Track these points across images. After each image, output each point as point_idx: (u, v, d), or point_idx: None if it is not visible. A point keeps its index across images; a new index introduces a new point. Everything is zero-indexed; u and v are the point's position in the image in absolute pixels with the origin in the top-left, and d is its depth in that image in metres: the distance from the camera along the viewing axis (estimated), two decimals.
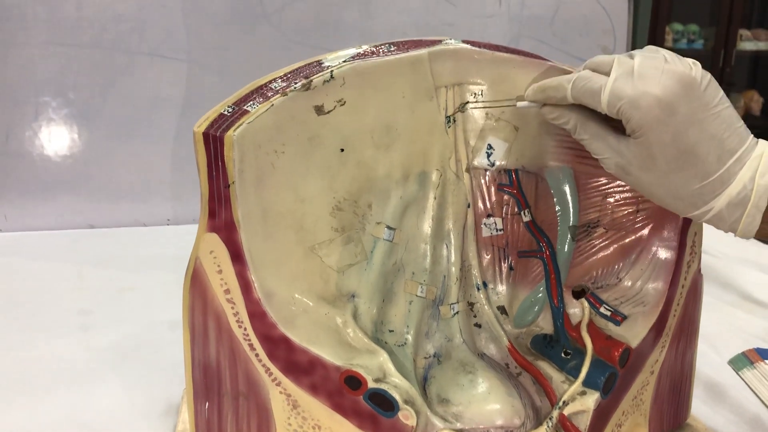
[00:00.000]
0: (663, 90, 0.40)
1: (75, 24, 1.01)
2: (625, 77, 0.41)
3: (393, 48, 0.47)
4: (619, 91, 0.41)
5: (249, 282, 0.43)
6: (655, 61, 0.41)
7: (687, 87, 0.41)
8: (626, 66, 0.41)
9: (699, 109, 0.41)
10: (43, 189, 1.03)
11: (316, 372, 0.43)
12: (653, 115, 0.40)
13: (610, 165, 0.43)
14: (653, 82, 0.40)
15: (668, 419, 0.55)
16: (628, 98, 0.40)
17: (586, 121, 0.44)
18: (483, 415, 0.44)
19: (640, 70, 0.41)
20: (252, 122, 0.42)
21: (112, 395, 0.61)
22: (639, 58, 0.42)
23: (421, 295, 0.49)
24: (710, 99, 0.41)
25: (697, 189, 0.41)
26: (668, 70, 0.41)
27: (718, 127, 0.41)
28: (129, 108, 1.05)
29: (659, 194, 0.43)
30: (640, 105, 0.40)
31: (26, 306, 0.78)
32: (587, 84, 0.42)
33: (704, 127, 0.41)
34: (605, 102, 0.41)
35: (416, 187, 0.49)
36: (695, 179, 0.41)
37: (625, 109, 0.41)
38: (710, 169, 0.41)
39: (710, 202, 0.41)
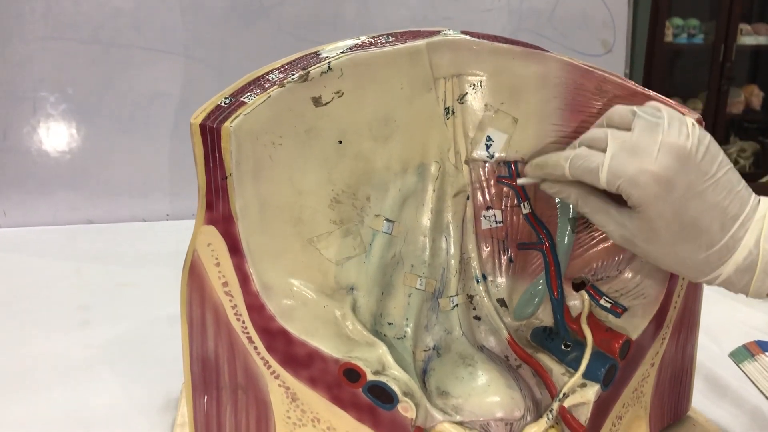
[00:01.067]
0: (660, 167, 0.40)
1: (73, 19, 1.01)
2: (622, 154, 0.41)
3: (391, 39, 0.47)
4: (617, 169, 0.41)
5: (247, 274, 0.43)
6: (653, 135, 0.41)
7: (684, 161, 0.41)
8: (622, 141, 0.41)
9: (697, 180, 0.41)
10: (41, 185, 1.03)
11: (315, 365, 0.43)
12: (652, 192, 0.40)
13: (615, 236, 0.44)
14: (650, 159, 0.40)
15: (669, 412, 0.55)
16: (627, 177, 0.41)
17: (587, 196, 0.44)
18: (483, 407, 0.44)
19: (636, 145, 0.41)
20: (249, 114, 0.41)
21: (111, 390, 0.61)
22: (637, 128, 0.42)
23: (421, 287, 0.49)
24: (708, 168, 0.41)
25: (703, 258, 0.41)
26: (665, 143, 0.41)
27: (718, 195, 0.41)
28: (127, 103, 1.05)
29: (666, 263, 0.43)
30: (639, 183, 0.40)
31: (25, 302, 0.78)
32: (584, 163, 0.42)
33: (704, 198, 0.41)
34: (604, 181, 0.41)
35: (415, 180, 0.48)
36: (700, 249, 0.41)
37: (624, 187, 0.41)
38: (714, 238, 0.41)
39: (718, 269, 0.41)
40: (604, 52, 1.36)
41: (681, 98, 3.09)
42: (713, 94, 3.04)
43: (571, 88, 0.49)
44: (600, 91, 0.48)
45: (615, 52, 1.37)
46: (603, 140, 0.42)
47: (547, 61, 0.49)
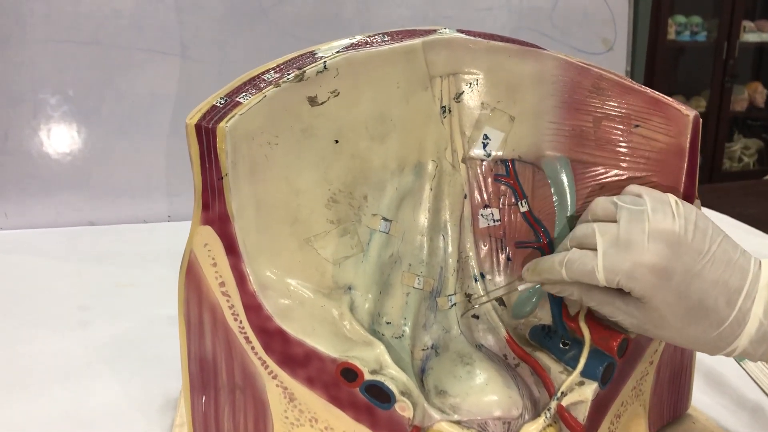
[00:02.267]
0: (655, 256, 0.40)
1: (72, 20, 1.01)
2: (613, 250, 0.41)
3: (387, 38, 0.47)
4: (612, 267, 0.41)
5: (244, 274, 0.43)
6: (638, 222, 0.41)
7: (676, 245, 0.40)
8: (610, 236, 0.41)
9: (693, 261, 0.41)
10: (42, 186, 1.03)
11: (312, 364, 0.43)
12: (651, 283, 0.40)
13: (627, 325, 0.44)
14: (642, 250, 0.40)
15: (668, 409, 0.55)
16: (623, 273, 0.41)
17: (589, 292, 0.44)
18: (481, 406, 0.44)
19: (625, 237, 0.41)
20: (245, 114, 0.41)
21: (111, 390, 0.61)
22: (622, 220, 0.42)
23: (419, 286, 0.48)
24: (701, 246, 0.41)
25: (715, 336, 0.41)
26: (653, 231, 0.41)
27: (717, 271, 0.41)
28: (127, 105, 1.05)
29: (682, 343, 0.43)
30: (636, 277, 0.40)
31: (26, 302, 0.78)
32: (579, 266, 0.42)
33: (704, 276, 0.41)
34: (603, 279, 0.41)
35: (412, 178, 0.48)
36: (711, 328, 0.41)
37: (624, 282, 0.41)
38: (722, 315, 0.41)
39: (732, 343, 0.41)
40: (606, 50, 1.35)
41: (684, 96, 3.09)
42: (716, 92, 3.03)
43: (568, 85, 0.49)
44: (597, 88, 0.48)
45: (616, 50, 1.36)
46: (592, 237, 0.42)
47: (543, 59, 0.49)
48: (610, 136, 0.49)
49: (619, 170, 0.48)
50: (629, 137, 0.48)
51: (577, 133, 0.49)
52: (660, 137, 0.47)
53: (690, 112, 0.47)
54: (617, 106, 0.48)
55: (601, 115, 0.49)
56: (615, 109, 0.48)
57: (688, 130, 0.47)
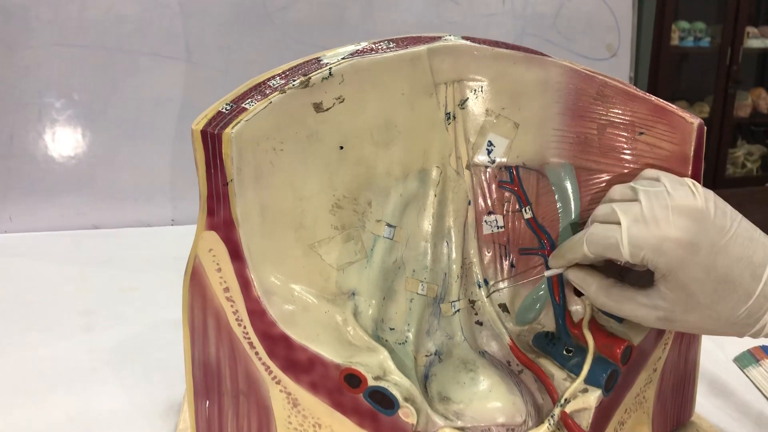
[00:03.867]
0: (680, 231, 0.40)
1: (78, 25, 1.01)
2: (638, 224, 0.41)
3: (392, 45, 0.47)
4: (638, 240, 0.41)
5: (248, 280, 0.43)
6: (660, 199, 0.41)
7: (701, 220, 0.41)
8: (633, 212, 0.41)
9: (718, 236, 0.41)
10: (47, 190, 1.04)
11: (316, 370, 0.43)
12: (679, 257, 0.40)
13: (650, 320, 0.43)
14: (667, 225, 0.40)
15: (672, 417, 0.55)
16: (650, 247, 0.40)
17: (608, 289, 0.44)
18: (484, 412, 0.44)
19: (649, 213, 0.41)
20: (250, 120, 0.42)
21: (114, 394, 0.61)
22: (643, 198, 0.41)
23: (422, 292, 0.49)
24: (722, 222, 0.41)
25: (745, 311, 0.41)
26: (676, 206, 0.41)
27: (740, 247, 0.41)
28: (132, 109, 1.06)
29: (711, 328, 0.42)
30: (664, 251, 0.40)
31: (29, 306, 0.78)
32: (602, 240, 0.42)
33: (728, 251, 0.41)
34: (627, 254, 0.41)
35: (416, 185, 0.48)
36: (740, 303, 0.41)
37: (650, 257, 0.41)
38: (749, 288, 0.41)
39: (762, 318, 0.41)
40: (609, 56, 1.35)
41: (687, 102, 3.08)
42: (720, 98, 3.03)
43: (572, 93, 0.49)
44: (601, 95, 0.48)
45: (620, 56, 1.36)
46: (614, 215, 0.42)
47: (547, 66, 0.49)
48: (615, 143, 0.49)
49: (624, 177, 0.48)
50: (633, 144, 0.48)
51: (581, 140, 0.49)
52: (664, 145, 0.48)
53: (694, 119, 0.47)
54: (621, 113, 0.48)
55: (606, 123, 0.49)
56: (619, 117, 0.48)
57: (692, 137, 0.47)
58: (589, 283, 0.45)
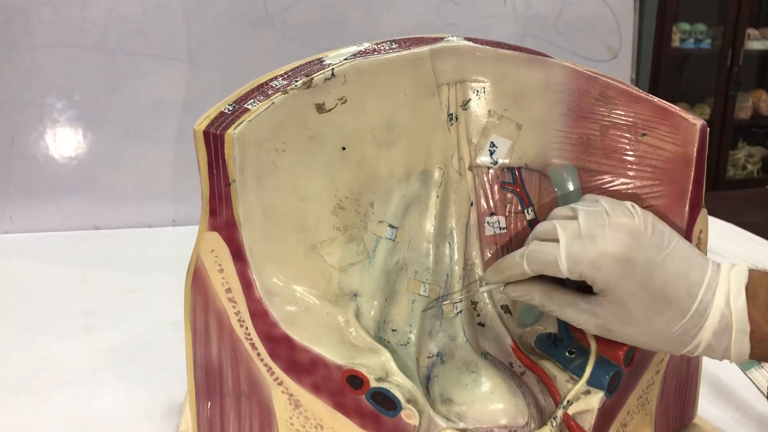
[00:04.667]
0: (618, 246, 0.41)
1: (79, 26, 1.01)
2: (576, 241, 0.41)
3: (395, 45, 0.47)
4: (576, 256, 0.41)
5: (250, 281, 0.43)
6: (598, 217, 0.42)
7: (636, 236, 0.41)
8: (571, 229, 0.42)
9: (654, 253, 0.41)
10: (48, 190, 1.04)
11: (318, 371, 0.43)
12: (616, 272, 0.41)
13: (590, 326, 0.44)
14: (605, 241, 0.41)
15: (674, 419, 0.55)
16: (587, 261, 0.41)
17: (550, 293, 0.44)
18: (486, 414, 0.44)
19: (587, 230, 0.41)
20: (252, 120, 0.42)
21: (116, 396, 0.61)
22: (581, 217, 0.42)
23: (424, 294, 0.48)
24: (659, 241, 0.42)
25: (680, 327, 0.41)
26: (613, 224, 0.41)
27: (677, 264, 0.41)
28: (134, 110, 1.06)
29: (647, 342, 0.43)
30: (600, 265, 0.41)
31: (31, 307, 0.78)
32: (541, 256, 0.43)
33: (665, 268, 0.41)
34: (565, 270, 0.41)
35: (418, 186, 0.48)
36: (675, 319, 0.41)
37: (587, 272, 0.41)
38: (685, 305, 0.41)
39: (696, 336, 0.41)
40: (610, 57, 1.35)
41: (688, 103, 3.08)
42: (721, 100, 3.03)
43: (575, 94, 0.49)
44: (604, 97, 0.48)
45: (621, 57, 1.36)
46: (552, 231, 0.43)
47: (550, 67, 0.49)
48: (617, 144, 0.49)
49: (626, 179, 0.48)
50: (636, 146, 0.48)
51: (583, 141, 0.49)
52: (667, 146, 0.47)
53: (697, 121, 0.47)
54: (624, 114, 0.48)
55: (608, 124, 0.49)
56: (622, 118, 0.48)
57: (695, 139, 0.47)
58: (532, 293, 0.45)
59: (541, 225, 0.44)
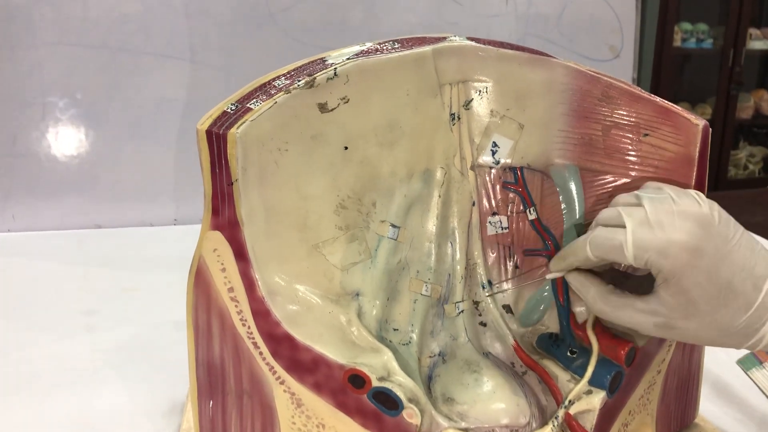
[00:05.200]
0: (686, 234, 0.40)
1: (81, 25, 1.01)
2: (643, 227, 0.41)
3: (397, 45, 0.47)
4: (643, 243, 0.40)
5: (253, 280, 0.43)
6: (665, 204, 0.41)
7: (706, 226, 0.41)
8: (638, 216, 0.41)
9: (722, 244, 0.41)
10: (50, 189, 1.04)
11: (320, 370, 0.43)
12: (684, 261, 0.40)
13: (648, 327, 0.43)
14: (673, 228, 0.40)
15: (676, 419, 0.55)
16: (654, 249, 0.40)
17: (606, 295, 0.44)
18: (488, 414, 0.44)
19: (654, 217, 0.41)
20: (255, 120, 0.42)
21: (117, 395, 0.61)
22: (648, 204, 0.42)
23: (426, 293, 0.48)
24: (727, 231, 0.41)
25: (744, 321, 0.41)
26: (681, 212, 0.41)
27: (743, 257, 0.41)
28: (135, 108, 1.06)
29: (709, 337, 0.42)
30: (669, 254, 0.40)
31: (32, 305, 0.78)
32: (606, 242, 0.42)
33: (732, 260, 0.41)
34: (631, 256, 0.41)
35: (421, 185, 0.48)
36: (740, 312, 0.41)
37: (654, 260, 0.40)
38: (750, 298, 0.40)
39: (760, 330, 0.41)
40: (612, 57, 1.35)
41: (690, 103, 3.08)
42: (722, 99, 3.03)
43: (577, 94, 0.49)
44: (606, 97, 0.48)
45: (623, 57, 1.36)
46: (617, 218, 0.42)
47: (552, 67, 0.49)
48: (619, 144, 0.49)
49: (628, 179, 0.48)
50: (638, 146, 0.48)
51: (586, 141, 0.49)
52: (669, 146, 0.47)
53: (700, 121, 0.47)
54: (626, 114, 0.48)
55: (610, 124, 0.49)
56: (624, 118, 0.48)
57: (697, 139, 0.47)
58: (588, 288, 0.45)
59: (606, 211, 0.44)
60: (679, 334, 0.42)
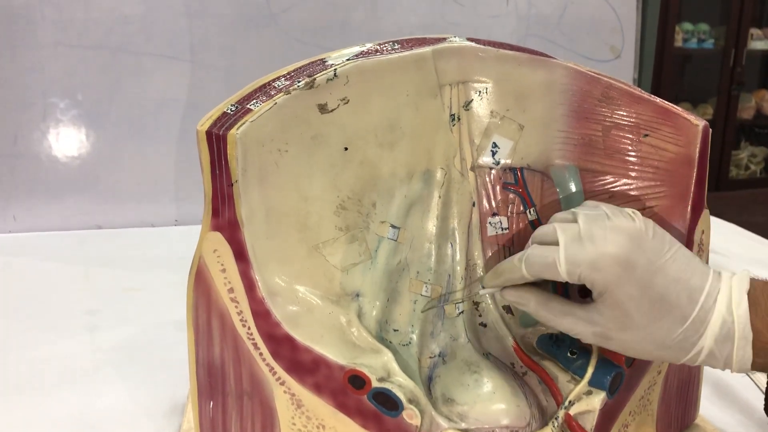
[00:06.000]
0: (617, 248, 0.40)
1: (83, 25, 1.02)
2: (575, 243, 0.41)
3: (397, 46, 0.47)
4: (574, 257, 0.41)
5: (253, 281, 0.43)
6: (598, 221, 0.42)
7: (637, 239, 0.41)
8: (571, 232, 0.42)
9: (655, 257, 0.41)
10: (51, 190, 1.04)
11: (320, 371, 0.43)
12: (615, 273, 0.40)
13: (587, 335, 0.43)
14: (605, 242, 0.41)
15: (676, 420, 0.55)
16: (586, 263, 0.40)
17: (546, 302, 0.44)
18: (488, 414, 0.44)
19: (586, 233, 0.41)
20: (255, 120, 0.42)
21: (118, 395, 0.61)
22: (581, 220, 0.42)
23: (426, 294, 0.49)
24: (660, 245, 0.41)
25: (680, 334, 0.41)
26: (614, 227, 0.41)
27: (678, 269, 0.41)
28: (136, 109, 1.06)
29: (647, 349, 0.42)
30: (600, 267, 0.40)
31: (33, 305, 0.78)
32: (540, 259, 0.42)
33: (666, 272, 0.41)
34: (564, 271, 0.41)
35: (421, 186, 0.48)
36: (675, 324, 0.41)
37: (586, 274, 0.41)
38: (686, 311, 0.40)
39: (697, 343, 0.41)
40: (613, 57, 1.35)
41: (691, 104, 3.08)
42: (723, 100, 3.03)
43: (577, 94, 0.49)
44: (606, 97, 0.48)
45: (624, 57, 1.36)
46: (552, 234, 0.42)
47: (552, 67, 0.49)
48: (619, 145, 0.49)
49: (628, 179, 0.48)
50: (638, 146, 0.48)
51: (586, 142, 0.49)
52: (669, 147, 0.47)
53: (700, 122, 0.47)
54: (626, 115, 0.48)
55: (611, 125, 0.49)
56: (624, 119, 0.48)
57: (697, 140, 0.47)
58: (528, 300, 0.45)
59: (541, 228, 0.44)
60: (616, 345, 0.43)
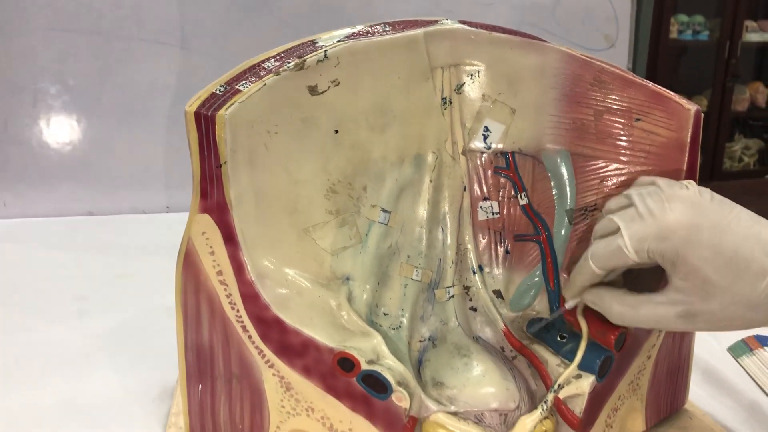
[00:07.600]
0: (677, 213, 0.40)
1: (74, 10, 1.01)
2: (635, 221, 0.41)
3: (389, 28, 0.47)
4: (638, 234, 0.40)
5: (242, 263, 0.43)
6: (653, 195, 0.41)
7: (696, 204, 0.41)
8: (629, 213, 0.41)
9: (719, 218, 0.40)
10: (42, 176, 1.03)
11: (309, 354, 0.43)
12: (683, 237, 0.40)
13: (671, 320, 0.41)
14: (663, 212, 0.40)
15: (665, 404, 0.55)
16: (651, 236, 0.40)
17: (623, 297, 0.43)
18: (477, 398, 0.44)
19: (644, 209, 0.41)
20: (244, 102, 0.41)
21: (108, 379, 0.61)
22: (636, 199, 0.42)
23: (417, 278, 0.48)
24: (721, 207, 0.41)
25: (764, 288, 0.39)
26: (669, 196, 0.41)
27: (745, 226, 0.40)
28: (127, 95, 1.05)
29: (737, 314, 0.40)
30: (666, 235, 0.40)
31: (24, 292, 0.78)
32: (605, 249, 0.42)
33: (733, 230, 0.40)
34: (632, 251, 0.41)
35: (411, 170, 0.48)
36: (757, 279, 0.39)
37: (654, 246, 0.40)
38: (764, 264, 0.39)
39: None
40: (607, 47, 1.35)
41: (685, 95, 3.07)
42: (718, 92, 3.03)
43: (570, 78, 0.48)
44: (598, 81, 0.48)
45: (618, 47, 1.36)
46: (609, 223, 0.42)
47: (545, 51, 0.48)
48: (611, 129, 0.48)
49: (620, 164, 0.48)
50: (630, 131, 0.48)
51: (577, 126, 0.49)
52: (661, 131, 0.47)
53: (692, 106, 0.47)
54: (618, 99, 0.48)
55: (602, 109, 0.48)
56: (616, 103, 0.48)
57: (689, 124, 0.47)
58: (603, 298, 0.44)
59: (599, 223, 0.44)
60: (704, 321, 0.41)
